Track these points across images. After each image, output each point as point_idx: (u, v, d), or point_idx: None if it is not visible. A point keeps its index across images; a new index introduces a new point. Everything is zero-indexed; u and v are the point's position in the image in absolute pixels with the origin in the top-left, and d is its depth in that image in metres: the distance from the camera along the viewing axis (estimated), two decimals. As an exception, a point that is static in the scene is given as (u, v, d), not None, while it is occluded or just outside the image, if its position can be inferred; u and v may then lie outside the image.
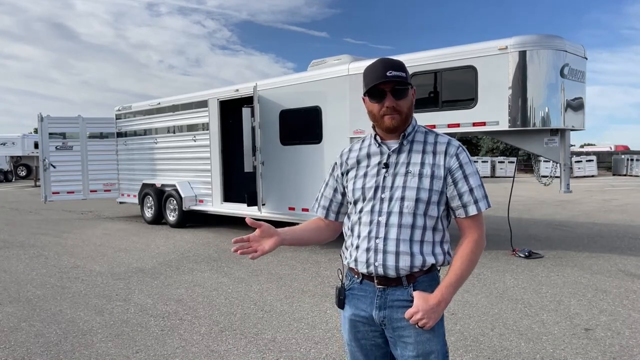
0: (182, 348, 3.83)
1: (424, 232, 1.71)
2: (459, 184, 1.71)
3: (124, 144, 11.77)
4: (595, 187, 18.27)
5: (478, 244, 1.73)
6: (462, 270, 1.69)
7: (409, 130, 1.76)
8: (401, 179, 1.72)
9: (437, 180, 1.70)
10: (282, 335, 4.04)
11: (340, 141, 7.24)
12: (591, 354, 3.59)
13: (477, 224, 1.74)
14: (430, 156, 1.73)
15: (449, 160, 1.72)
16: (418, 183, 1.70)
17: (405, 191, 1.70)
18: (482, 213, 1.74)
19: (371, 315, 1.75)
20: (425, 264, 1.70)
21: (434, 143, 1.75)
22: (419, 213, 1.70)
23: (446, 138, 1.77)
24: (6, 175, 29.71)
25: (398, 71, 1.69)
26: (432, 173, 1.70)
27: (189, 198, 9.71)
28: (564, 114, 6.28)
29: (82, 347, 3.89)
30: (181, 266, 6.58)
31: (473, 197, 1.71)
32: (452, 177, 1.71)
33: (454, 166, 1.71)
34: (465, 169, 1.72)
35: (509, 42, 6.08)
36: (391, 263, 1.70)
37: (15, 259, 7.23)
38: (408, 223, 1.70)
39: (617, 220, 10.03)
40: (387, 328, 1.74)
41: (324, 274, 5.99)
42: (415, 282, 1.71)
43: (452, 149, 1.73)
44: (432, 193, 1.70)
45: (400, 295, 1.71)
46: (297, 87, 7.88)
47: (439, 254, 1.74)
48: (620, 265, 6.19)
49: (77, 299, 5.18)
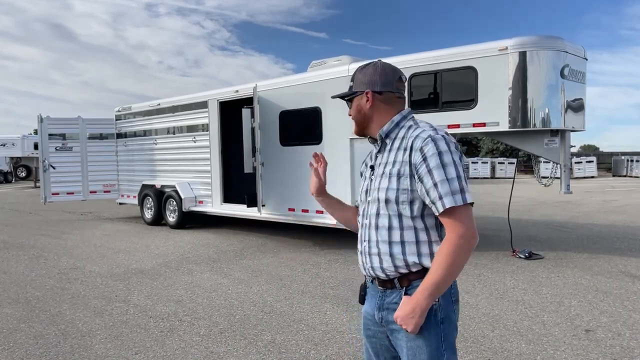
0: (181, 349, 3.82)
1: (402, 232, 1.67)
2: (424, 180, 1.60)
3: (123, 144, 11.76)
4: (596, 188, 18.27)
5: (455, 243, 1.57)
6: (438, 273, 1.57)
7: (384, 129, 1.76)
8: (377, 180, 1.72)
9: (403, 179, 1.65)
10: (282, 337, 4.03)
11: (339, 142, 7.24)
12: (592, 355, 3.58)
13: (454, 222, 1.58)
14: (400, 153, 1.68)
15: (413, 155, 1.63)
16: (387, 183, 1.68)
17: (378, 192, 1.70)
18: (464, 209, 1.58)
19: (374, 315, 1.77)
20: (409, 265, 1.66)
21: (407, 137, 1.69)
22: (391, 214, 1.68)
23: (418, 131, 1.67)
24: (6, 176, 29.70)
25: (350, 81, 1.85)
26: (398, 171, 1.66)
27: (188, 199, 9.70)
28: (564, 114, 6.27)
29: (82, 348, 3.88)
30: (181, 267, 6.57)
31: (438, 192, 1.58)
32: (417, 172, 1.62)
33: (417, 160, 1.62)
34: (430, 162, 1.59)
35: (509, 43, 6.08)
36: (376, 265, 1.71)
37: (14, 260, 7.22)
38: (384, 224, 1.69)
39: (618, 221, 10.02)
40: (386, 329, 1.74)
41: (324, 275, 5.98)
42: (409, 285, 1.67)
43: (417, 142, 1.63)
44: (399, 192, 1.65)
45: (395, 297, 1.70)
46: (297, 88, 7.87)
47: (424, 255, 1.66)
48: (621, 266, 6.18)
49: (76, 300, 5.17)
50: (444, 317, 1.65)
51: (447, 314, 1.66)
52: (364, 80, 1.80)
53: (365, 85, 1.79)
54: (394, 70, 1.81)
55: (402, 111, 1.79)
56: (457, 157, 1.63)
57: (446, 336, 1.66)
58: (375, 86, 1.78)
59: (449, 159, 1.59)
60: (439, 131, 1.66)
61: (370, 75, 1.79)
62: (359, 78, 1.81)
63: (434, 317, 1.64)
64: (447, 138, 1.63)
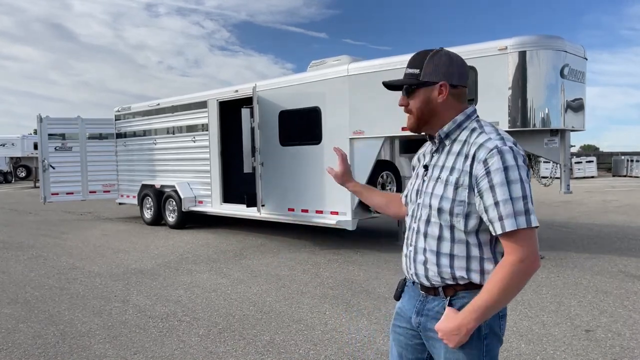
0: (180, 349, 3.81)
1: (453, 245, 1.55)
2: (484, 196, 1.46)
3: (123, 144, 11.75)
4: (596, 188, 18.26)
5: (514, 268, 1.43)
6: (491, 296, 1.46)
7: (445, 129, 1.60)
8: (432, 185, 1.59)
9: (461, 190, 1.50)
10: (281, 337, 4.02)
11: (339, 142, 7.22)
12: (592, 355, 3.57)
13: (515, 245, 1.44)
14: (461, 160, 1.53)
15: (475, 166, 1.48)
16: (443, 190, 1.54)
17: (432, 198, 1.57)
18: (528, 232, 1.43)
19: (410, 317, 1.70)
20: (456, 280, 1.56)
21: (471, 143, 1.53)
22: (443, 224, 1.55)
23: (484, 138, 1.51)
24: (6, 176, 29.68)
25: (412, 68, 1.61)
26: (456, 180, 1.51)
27: (188, 199, 9.69)
28: (564, 114, 6.26)
29: (80, 348, 3.87)
30: (180, 267, 6.57)
31: (499, 213, 1.43)
32: (478, 186, 1.47)
33: (479, 173, 1.47)
34: (493, 177, 1.44)
35: (508, 42, 6.07)
36: (421, 272, 1.62)
37: (14, 260, 7.21)
38: (434, 234, 1.58)
39: (618, 221, 10.01)
40: (422, 335, 1.68)
41: (324, 275, 5.97)
42: (455, 296, 1.57)
43: (481, 153, 1.47)
44: (454, 204, 1.51)
45: (437, 305, 1.61)
46: (297, 88, 7.86)
47: (474, 271, 1.54)
48: (621, 266, 6.17)
49: (75, 300, 5.16)
50: (488, 332, 1.57)
51: (492, 329, 1.58)
52: (439, 70, 1.59)
53: (441, 75, 1.58)
54: (464, 62, 1.65)
55: (466, 110, 1.62)
56: (525, 173, 1.47)
57: (489, 351, 1.59)
58: (452, 78, 1.59)
59: (515, 176, 1.44)
60: (507, 141, 1.50)
61: (446, 65, 1.59)
62: (431, 66, 1.59)
63: (478, 331, 1.54)
64: (515, 150, 1.47)
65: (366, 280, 5.71)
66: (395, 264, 6.35)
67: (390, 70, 6.79)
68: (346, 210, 7.18)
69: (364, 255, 7.07)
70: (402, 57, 6.79)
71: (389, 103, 6.78)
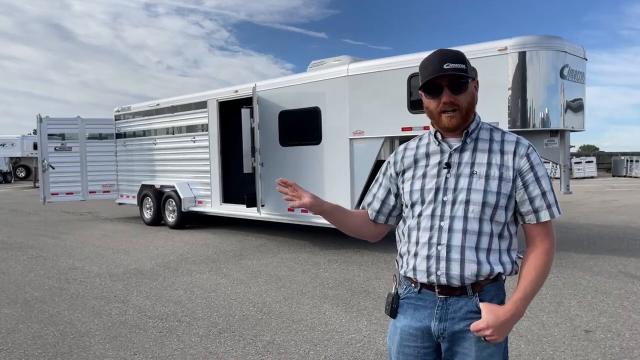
0: (180, 350, 3.81)
1: (491, 239, 1.58)
2: (530, 187, 1.57)
3: (123, 145, 11.75)
4: (595, 189, 18.27)
5: (550, 254, 1.61)
6: (537, 283, 1.57)
7: (472, 127, 1.63)
8: (465, 180, 1.58)
9: (505, 183, 1.57)
10: (281, 337, 4.02)
11: (339, 142, 7.23)
12: (591, 355, 3.57)
13: (549, 232, 1.62)
14: (498, 156, 1.59)
15: (518, 160, 1.58)
16: (485, 185, 1.56)
17: (470, 194, 1.57)
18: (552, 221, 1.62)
19: (429, 326, 1.62)
20: (492, 273, 1.58)
21: (500, 141, 1.61)
22: (485, 218, 1.57)
23: (514, 136, 1.63)
24: (5, 176, 29.68)
25: (456, 63, 1.54)
26: (501, 174, 1.57)
27: (188, 199, 9.69)
28: (564, 115, 6.27)
29: (80, 349, 3.87)
30: (180, 267, 6.56)
31: (546, 202, 1.58)
32: (523, 179, 1.58)
33: (524, 167, 1.58)
34: (537, 170, 1.58)
35: (508, 43, 6.07)
36: (455, 272, 1.56)
37: (13, 260, 7.21)
38: (474, 229, 1.57)
39: (617, 221, 10.02)
40: (444, 341, 1.62)
41: (323, 276, 5.97)
42: (482, 291, 1.59)
43: (521, 149, 1.59)
44: (500, 196, 1.56)
45: (464, 305, 1.58)
46: (297, 88, 7.86)
47: (507, 263, 1.61)
48: (621, 266, 6.17)
49: (75, 300, 5.16)
50: None
51: None
52: (471, 66, 1.62)
53: (473, 72, 1.63)
54: None
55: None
56: None
57: (507, 341, 1.67)
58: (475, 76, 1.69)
59: (545, 170, 1.61)
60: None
61: (468, 62, 1.61)
62: (468, 63, 1.60)
63: None
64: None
65: (366, 280, 5.71)
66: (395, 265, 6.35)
67: (390, 70, 6.79)
68: (346, 211, 7.16)
69: (364, 255, 7.07)
70: (403, 57, 6.80)
71: (389, 103, 6.79)
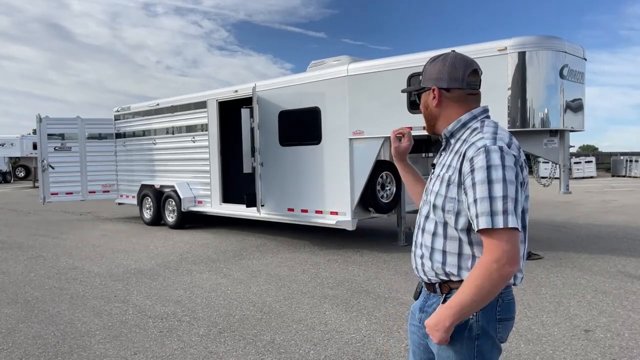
0: (180, 349, 3.81)
1: (445, 241, 1.58)
2: (468, 193, 1.49)
3: (122, 145, 11.75)
4: (595, 188, 18.28)
5: (488, 267, 1.43)
6: (465, 294, 1.47)
7: (448, 128, 1.65)
8: (433, 182, 1.66)
9: (452, 186, 1.55)
10: (281, 337, 4.03)
11: (339, 142, 7.24)
12: (591, 355, 3.58)
13: (490, 244, 1.44)
14: (455, 158, 1.58)
15: (464, 163, 1.52)
16: (438, 187, 1.61)
17: (430, 195, 1.65)
18: (505, 233, 1.41)
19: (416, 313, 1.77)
20: (449, 276, 1.59)
21: (467, 142, 1.58)
22: (438, 220, 1.60)
23: (477, 137, 1.54)
24: (5, 176, 29.66)
25: (420, 74, 1.73)
26: (449, 177, 1.58)
27: (187, 199, 9.69)
28: (563, 115, 6.28)
29: (80, 348, 3.87)
30: (180, 267, 6.57)
31: (477, 210, 1.45)
32: (464, 184, 1.52)
33: (465, 171, 1.51)
34: (476, 175, 1.46)
35: (508, 43, 6.08)
36: (419, 267, 1.69)
37: (13, 260, 7.21)
38: (430, 229, 1.63)
39: (617, 221, 10.03)
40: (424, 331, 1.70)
41: (323, 275, 5.97)
42: (449, 293, 1.61)
43: (470, 151, 1.51)
44: (445, 200, 1.57)
45: (435, 302, 1.66)
46: (296, 88, 7.87)
47: (465, 269, 1.56)
48: (620, 266, 6.18)
49: (75, 300, 5.16)
50: (480, 333, 1.56)
51: (486, 331, 1.57)
52: (432, 75, 1.66)
53: (432, 81, 1.66)
54: (466, 64, 1.64)
55: (473, 110, 1.64)
56: (511, 173, 1.45)
57: (480, 352, 1.57)
58: (442, 82, 1.64)
59: (497, 175, 1.44)
60: (499, 140, 1.51)
61: (438, 69, 1.64)
62: (427, 72, 1.68)
63: (469, 331, 1.56)
64: (504, 150, 1.47)
65: (366, 280, 5.72)
66: (395, 264, 6.35)
67: (390, 70, 6.80)
68: (346, 211, 7.18)
69: (364, 255, 7.07)
70: (402, 57, 6.80)
71: (389, 103, 6.80)
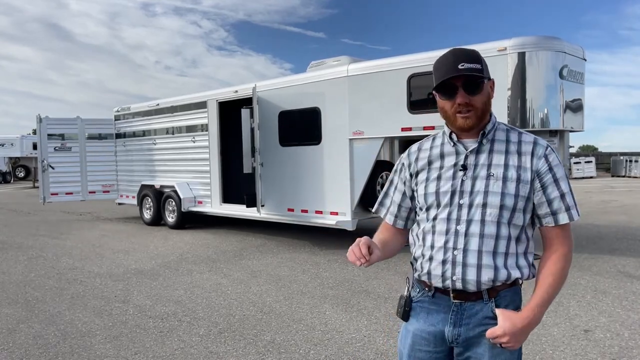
0: (181, 349, 3.82)
1: (509, 242, 1.54)
2: (549, 189, 1.53)
3: (122, 145, 11.76)
4: (595, 188, 18.29)
5: (568, 258, 1.56)
6: (554, 288, 1.54)
7: (489, 128, 1.58)
8: (482, 183, 1.54)
9: (523, 185, 1.53)
10: (281, 337, 4.04)
11: (339, 142, 7.24)
12: (590, 355, 3.58)
13: (567, 235, 1.56)
14: (515, 157, 1.54)
15: (536, 162, 1.53)
16: (502, 187, 1.52)
17: (487, 197, 1.53)
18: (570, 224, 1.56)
19: (442, 331, 1.59)
20: (509, 279, 1.55)
21: (517, 142, 1.57)
22: (503, 222, 1.53)
23: (532, 137, 1.59)
24: (5, 176, 29.65)
25: (471, 63, 1.50)
26: (518, 176, 1.52)
27: (187, 199, 9.70)
28: (563, 115, 6.29)
29: (81, 348, 3.88)
30: (180, 267, 6.57)
31: (565, 204, 1.53)
32: (541, 181, 1.53)
33: (542, 169, 1.53)
34: (556, 171, 1.54)
35: (508, 43, 6.08)
36: (472, 277, 1.53)
37: (13, 261, 7.22)
38: (491, 233, 1.53)
39: (617, 221, 10.03)
40: (458, 346, 1.59)
41: (323, 275, 5.98)
42: (498, 296, 1.55)
43: (539, 150, 1.55)
44: (518, 199, 1.52)
45: (479, 311, 1.55)
46: (296, 89, 7.87)
47: (524, 267, 1.58)
48: (620, 266, 6.18)
49: (75, 300, 5.16)
50: None
51: None
52: (487, 66, 1.56)
53: (489, 72, 1.57)
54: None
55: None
56: None
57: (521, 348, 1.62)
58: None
59: (565, 172, 1.58)
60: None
61: (484, 62, 1.56)
62: (483, 62, 1.54)
63: None
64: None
65: (366, 280, 5.72)
66: (395, 264, 6.36)
67: (390, 70, 6.81)
68: (346, 211, 7.19)
69: (363, 255, 7.06)
70: (402, 58, 6.81)
71: (389, 103, 6.80)
